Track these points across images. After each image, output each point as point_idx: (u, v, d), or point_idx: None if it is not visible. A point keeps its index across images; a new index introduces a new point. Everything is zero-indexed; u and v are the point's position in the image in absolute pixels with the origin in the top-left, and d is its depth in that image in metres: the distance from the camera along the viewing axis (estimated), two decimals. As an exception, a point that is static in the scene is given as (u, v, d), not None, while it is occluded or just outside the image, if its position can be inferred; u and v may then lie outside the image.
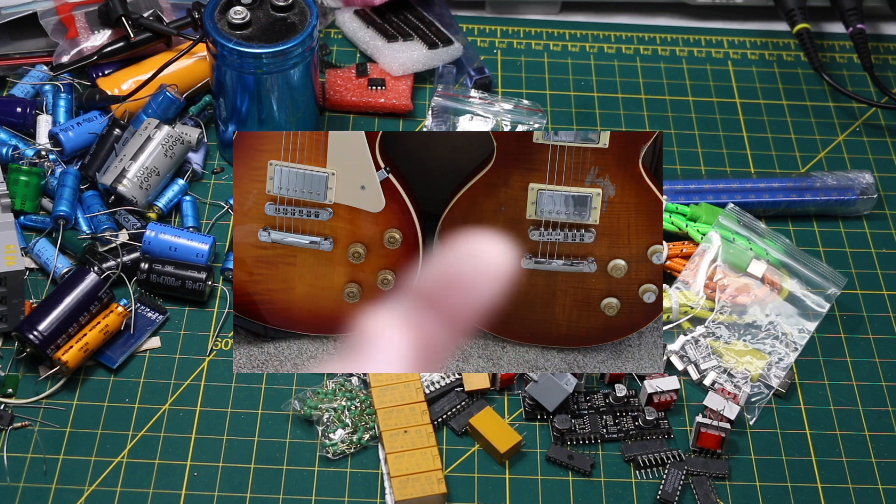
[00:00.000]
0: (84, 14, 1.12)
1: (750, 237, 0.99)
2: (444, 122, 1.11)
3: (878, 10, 1.28)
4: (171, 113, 1.07)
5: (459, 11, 1.27)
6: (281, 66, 0.99)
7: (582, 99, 1.18)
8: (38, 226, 1.01)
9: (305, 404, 0.90)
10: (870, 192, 1.07)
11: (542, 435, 0.91)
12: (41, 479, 0.86)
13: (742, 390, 0.92)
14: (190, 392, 0.92)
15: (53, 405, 0.91)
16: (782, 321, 0.97)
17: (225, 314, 0.97)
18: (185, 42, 1.11)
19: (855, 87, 1.22)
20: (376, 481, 0.88)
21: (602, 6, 1.30)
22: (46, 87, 1.10)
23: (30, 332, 0.90)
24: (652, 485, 0.89)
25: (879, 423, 0.94)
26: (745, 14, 1.30)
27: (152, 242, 0.98)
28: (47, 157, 1.04)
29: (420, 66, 1.15)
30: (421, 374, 0.91)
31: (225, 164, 1.09)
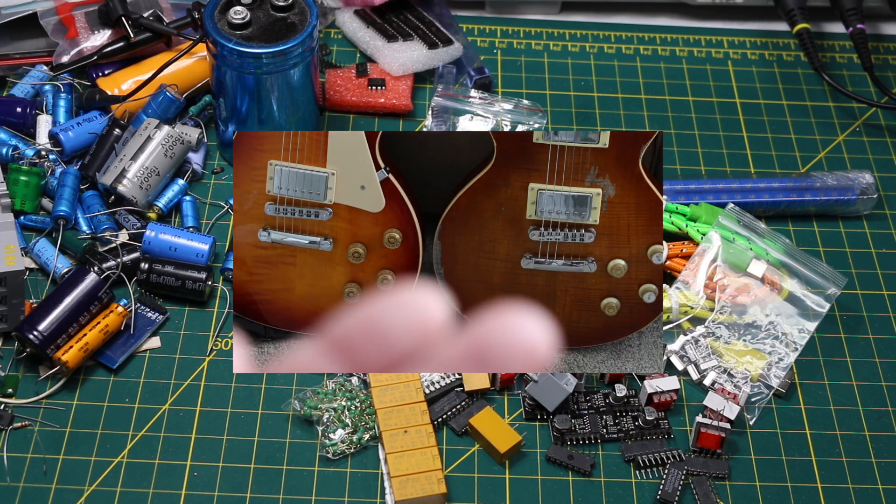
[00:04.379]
0: (84, 14, 1.12)
1: (750, 237, 0.99)
2: (444, 122, 1.11)
3: (878, 10, 1.28)
4: (171, 113, 1.07)
5: (459, 11, 1.27)
6: (281, 66, 0.99)
7: (582, 99, 1.18)
8: (38, 226, 1.01)
9: (305, 404, 0.90)
10: (870, 192, 1.07)
11: (542, 435, 0.91)
12: (41, 479, 0.86)
13: (742, 390, 0.92)
14: (190, 392, 0.92)
15: (53, 405, 0.91)
16: (782, 321, 0.97)
17: (225, 314, 0.97)
18: (185, 42, 1.11)
19: (855, 87, 1.22)
20: (376, 481, 0.88)
21: (602, 6, 1.30)
22: (46, 87, 1.10)
23: (30, 332, 0.90)
24: (652, 485, 0.89)
25: (879, 423, 0.94)
26: (745, 14, 1.30)
27: (152, 242, 0.98)
28: (47, 157, 1.04)
29: (420, 66, 1.15)
30: (421, 374, 0.91)
31: (225, 164, 1.09)
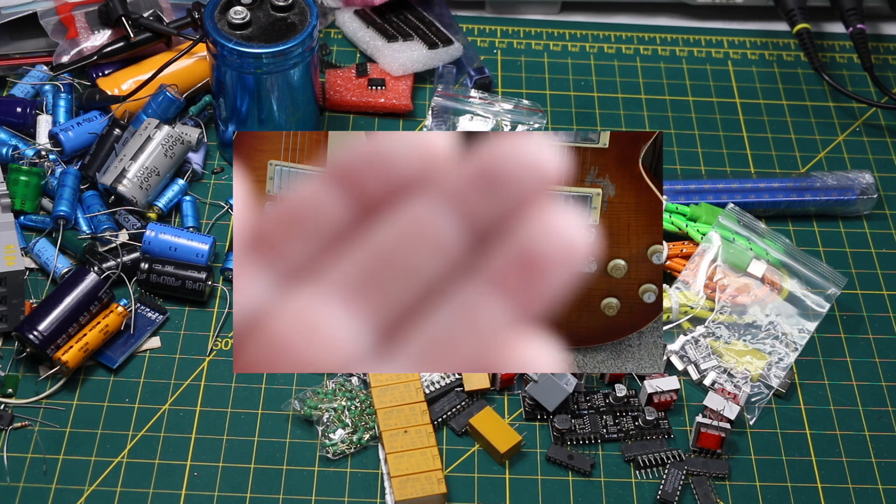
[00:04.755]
0: (84, 14, 1.12)
1: (750, 237, 0.99)
2: (444, 122, 1.11)
3: (878, 10, 1.28)
4: (171, 113, 1.07)
5: (459, 11, 1.27)
6: (281, 66, 0.99)
7: (582, 99, 1.18)
8: (38, 226, 1.01)
9: (305, 404, 0.90)
10: (870, 192, 1.07)
11: (542, 435, 0.91)
12: (41, 479, 0.86)
13: (742, 390, 0.92)
14: (190, 392, 0.92)
15: (53, 405, 0.91)
16: (782, 321, 0.97)
17: (225, 314, 0.97)
18: (185, 42, 1.11)
19: (855, 87, 1.22)
20: (376, 481, 0.88)
21: (602, 6, 1.30)
22: (46, 87, 1.10)
23: (30, 332, 0.90)
24: (652, 485, 0.89)
25: (879, 423, 0.94)
26: (745, 14, 1.30)
27: (152, 242, 0.98)
28: (47, 157, 1.04)
29: (420, 66, 1.15)
30: (421, 374, 0.91)
31: (225, 164, 1.09)
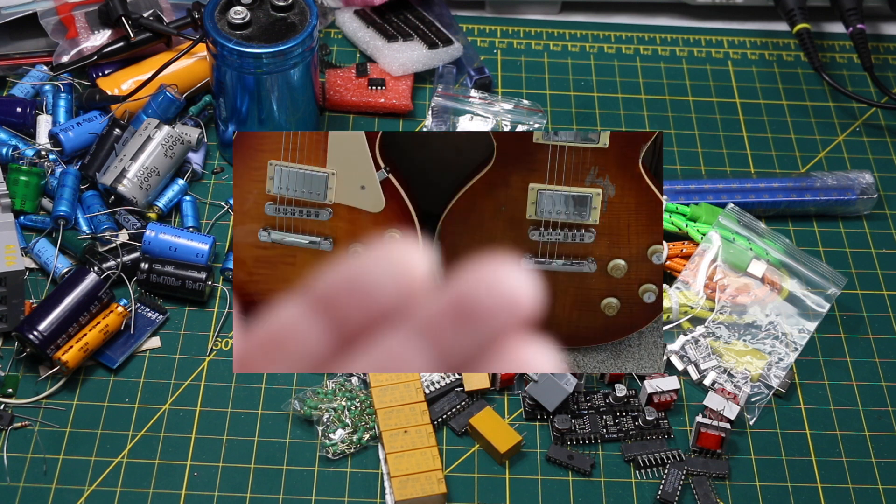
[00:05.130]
0: (84, 14, 1.12)
1: (750, 237, 0.99)
2: (444, 122, 1.11)
3: (878, 10, 1.28)
4: (171, 113, 1.07)
5: (459, 11, 1.27)
6: (281, 66, 0.99)
7: (582, 99, 1.18)
8: (38, 226, 1.01)
9: (305, 404, 0.90)
10: (870, 192, 1.07)
11: (542, 435, 0.91)
12: (41, 479, 0.86)
13: (742, 390, 0.92)
14: (190, 392, 0.92)
15: (53, 405, 0.91)
16: (782, 321, 0.97)
17: (225, 314, 0.97)
18: (185, 42, 1.11)
19: (855, 87, 1.22)
20: (376, 481, 0.88)
21: (602, 6, 1.30)
22: (46, 87, 1.10)
23: (30, 332, 0.90)
24: (652, 485, 0.89)
25: (879, 423, 0.94)
26: (745, 14, 1.30)
27: (152, 242, 0.98)
28: (47, 157, 1.04)
29: (420, 66, 1.15)
30: (421, 374, 0.91)
31: (225, 164, 1.09)
